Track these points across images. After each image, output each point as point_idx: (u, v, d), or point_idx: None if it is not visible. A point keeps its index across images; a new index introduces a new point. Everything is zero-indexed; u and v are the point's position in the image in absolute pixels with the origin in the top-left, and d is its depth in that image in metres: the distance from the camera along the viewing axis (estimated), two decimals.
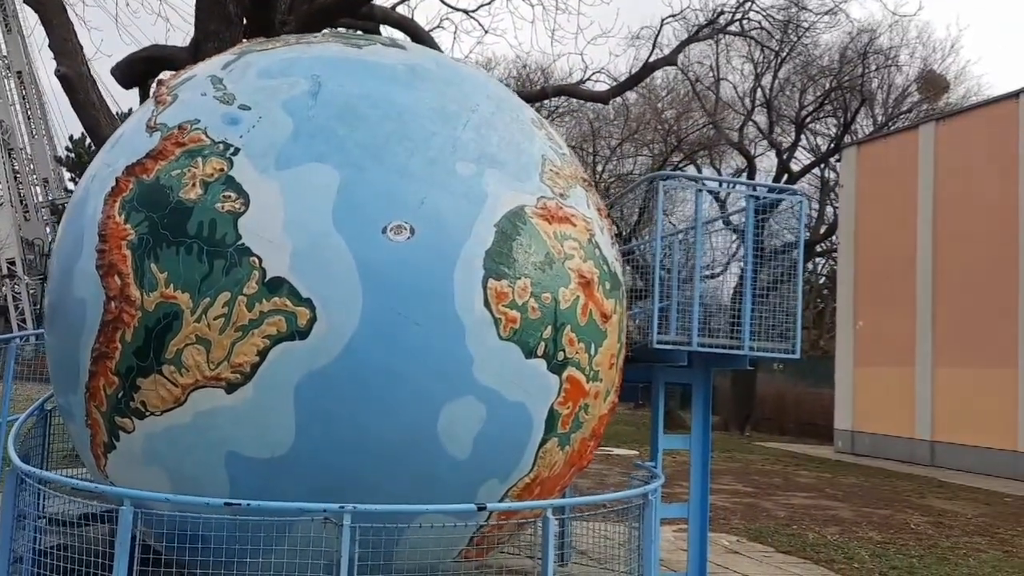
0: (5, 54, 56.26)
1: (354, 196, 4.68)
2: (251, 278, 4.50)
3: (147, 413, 4.70)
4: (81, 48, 12.26)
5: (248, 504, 4.50)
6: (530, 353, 4.95)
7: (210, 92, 5.10)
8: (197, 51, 11.30)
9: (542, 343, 5.00)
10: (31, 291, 48.69)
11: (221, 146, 4.78)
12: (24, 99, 57.76)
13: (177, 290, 4.56)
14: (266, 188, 4.65)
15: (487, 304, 4.78)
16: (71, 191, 52.27)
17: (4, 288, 50.75)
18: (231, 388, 4.53)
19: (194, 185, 4.69)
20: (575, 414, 5.35)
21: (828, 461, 19.75)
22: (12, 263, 49.32)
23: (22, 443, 5.93)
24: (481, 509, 4.88)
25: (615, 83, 15.80)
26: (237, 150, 4.76)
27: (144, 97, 13.37)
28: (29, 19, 56.15)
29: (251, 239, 4.55)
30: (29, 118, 58.11)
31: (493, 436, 4.91)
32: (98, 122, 11.76)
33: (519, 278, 4.91)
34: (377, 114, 4.99)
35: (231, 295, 4.50)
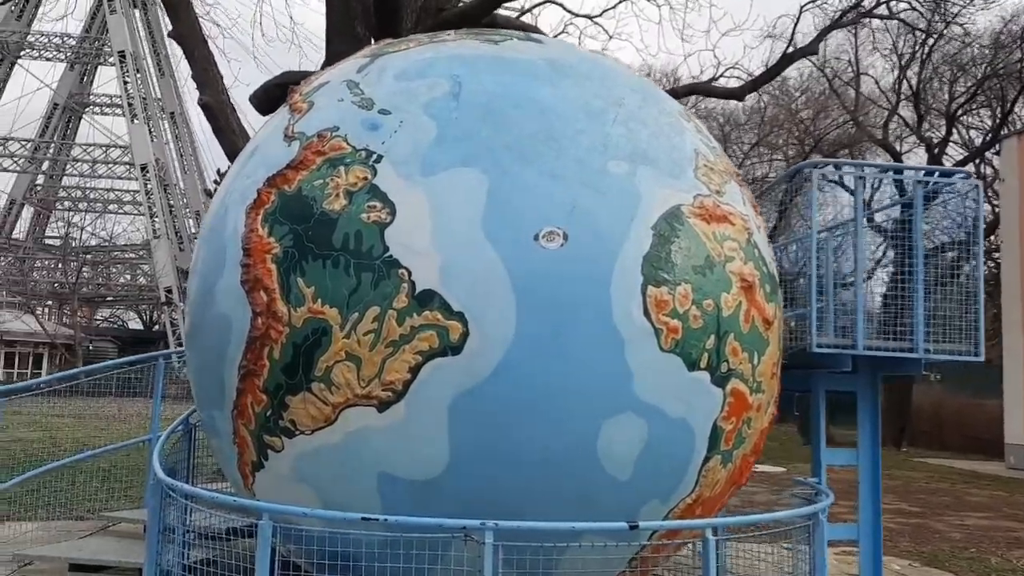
0: (159, 96, 60.43)
1: (503, 202, 4.42)
2: (400, 291, 4.31)
3: (296, 432, 4.58)
4: (221, 77, 12.75)
5: (385, 519, 4.31)
6: (692, 365, 4.55)
7: (347, 97, 4.97)
8: None
9: (705, 354, 4.59)
10: None
11: (363, 153, 4.63)
12: (177, 138, 61.91)
13: (325, 305, 4.42)
14: (412, 196, 4.46)
15: (646, 313, 4.42)
16: None
17: (163, 315, 54.21)
18: (383, 407, 4.35)
19: (338, 195, 4.55)
20: (738, 429, 4.92)
21: (1000, 478, 18.13)
22: (169, 291, 52.70)
23: (167, 458, 5.99)
24: (633, 528, 4.49)
25: (750, 78, 15.06)
26: (380, 157, 4.59)
27: None
28: (178, 56, 60.02)
29: (399, 250, 4.36)
30: (181, 155, 62.22)
31: (654, 455, 4.54)
32: (238, 148, 12.14)
33: (679, 284, 4.53)
34: (521, 113, 4.72)
35: (380, 309, 4.32)
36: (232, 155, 12.35)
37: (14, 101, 69.18)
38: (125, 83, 58.50)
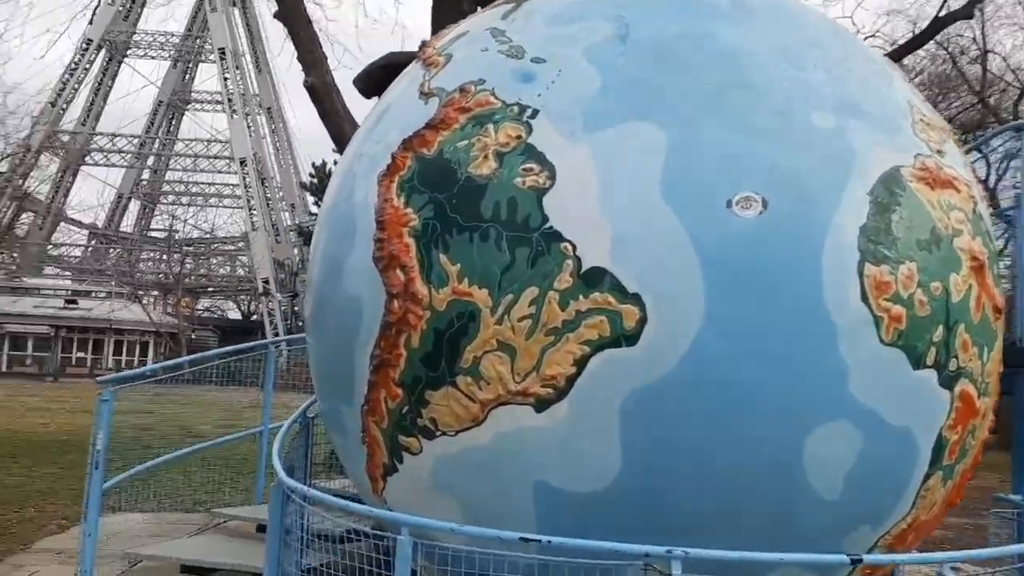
0: (256, 92, 61.82)
1: (687, 161, 3.66)
2: (563, 269, 3.61)
3: (438, 432, 3.94)
4: (325, 58, 12.35)
5: (549, 541, 3.61)
6: (918, 362, 3.72)
7: (492, 47, 4.29)
8: None
9: (932, 348, 3.75)
10: (282, 307, 53.05)
11: (515, 108, 3.94)
12: (273, 132, 63.32)
13: (473, 285, 3.76)
14: (575, 156, 3.75)
15: (864, 297, 3.60)
16: (314, 214, 56.49)
17: (261, 305, 55.56)
18: (541, 405, 3.66)
19: (486, 157, 3.88)
20: (963, 440, 4.06)
21: None
22: (267, 282, 53.91)
23: (286, 454, 5.51)
24: (856, 562, 3.70)
25: (893, 47, 13.78)
26: (535, 112, 3.89)
27: None
28: (274, 51, 61.21)
29: (561, 221, 3.66)
30: (277, 149, 63.59)
31: (871, 471, 3.72)
32: (343, 130, 11.75)
33: (902, 262, 3.70)
34: (703, 57, 3.95)
35: (539, 291, 3.64)
36: (338, 139, 11.93)
37: (122, 99, 71.89)
38: (225, 79, 59.97)
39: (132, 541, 7.37)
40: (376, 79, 14.39)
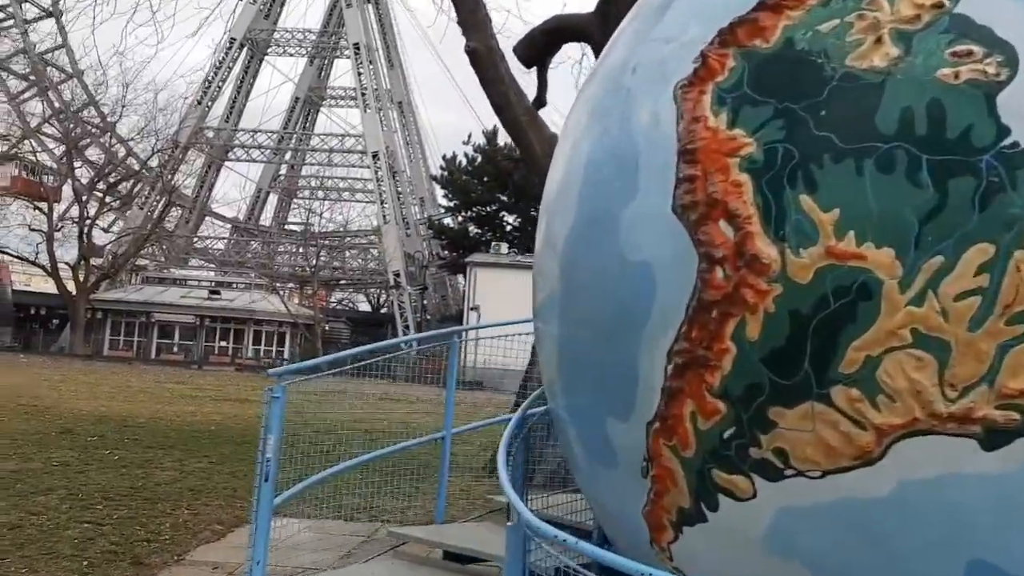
0: (388, 87, 62.32)
1: None
2: None
3: (789, 471, 2.57)
4: (490, 21, 11.27)
5: None
6: None
7: None
8: (604, 17, 9.75)
9: None
10: (412, 300, 53.41)
11: None
12: (404, 127, 63.77)
13: (866, 243, 2.37)
14: None
15: None
16: (444, 207, 56.27)
17: (391, 297, 56.10)
18: (996, 439, 2.24)
19: (879, 41, 2.48)
20: None
21: None
22: (397, 275, 54.34)
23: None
24: None
25: None
26: None
27: (543, 77, 12.10)
28: (407, 46, 61.52)
29: None
30: (407, 143, 64.02)
31: None
32: (507, 99, 10.63)
33: None
34: None
35: (995, 250, 2.22)
36: (499, 107, 10.77)
37: (261, 95, 74.03)
38: (359, 74, 60.64)
39: (294, 556, 6.41)
40: (539, 45, 13.11)
